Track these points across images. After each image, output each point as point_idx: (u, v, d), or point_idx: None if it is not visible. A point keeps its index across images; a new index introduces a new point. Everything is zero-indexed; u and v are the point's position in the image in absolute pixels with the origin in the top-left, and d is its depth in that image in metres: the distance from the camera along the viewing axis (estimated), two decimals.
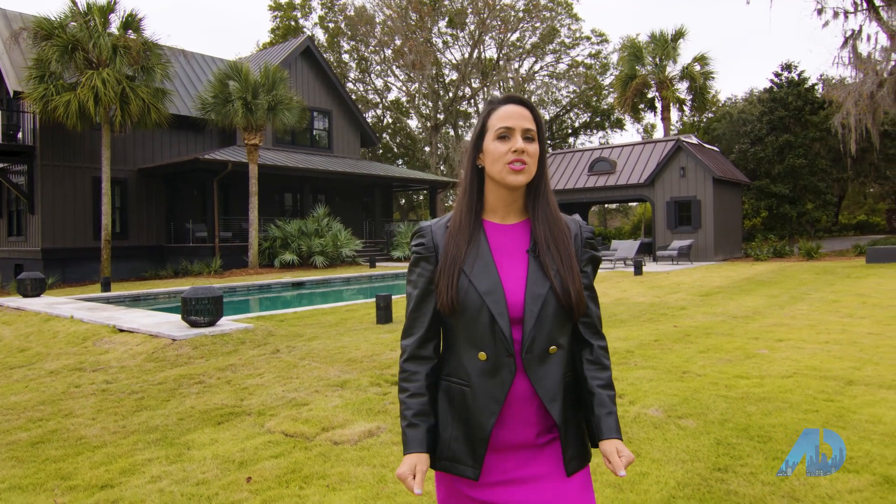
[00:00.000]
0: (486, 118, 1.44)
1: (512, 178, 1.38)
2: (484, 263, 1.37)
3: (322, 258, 19.77)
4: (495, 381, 1.34)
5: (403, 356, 1.44)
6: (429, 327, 1.43)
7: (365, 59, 40.74)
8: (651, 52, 30.54)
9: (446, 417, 1.40)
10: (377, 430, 3.91)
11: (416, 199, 45.54)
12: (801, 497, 2.75)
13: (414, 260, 1.46)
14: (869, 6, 26.54)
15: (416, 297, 1.44)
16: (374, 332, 7.46)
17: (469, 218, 1.43)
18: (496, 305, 1.33)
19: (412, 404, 1.39)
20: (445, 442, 1.39)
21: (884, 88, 24.35)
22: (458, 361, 1.39)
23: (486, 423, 1.33)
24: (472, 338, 1.36)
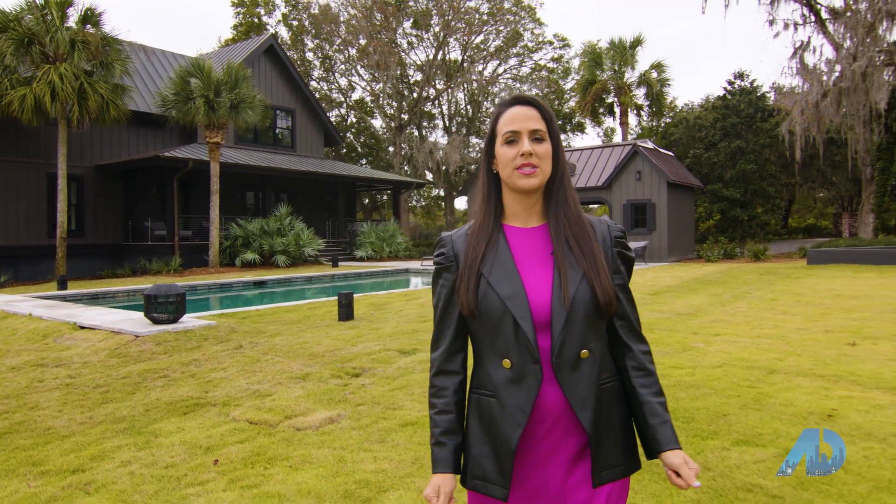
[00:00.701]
0: (494, 123, 1.42)
1: (522, 183, 1.35)
2: (504, 267, 1.34)
3: (284, 257, 19.80)
4: (521, 391, 1.29)
5: (432, 370, 1.42)
6: (454, 338, 1.40)
7: (329, 57, 40.63)
8: (610, 58, 31.38)
9: (477, 433, 1.36)
10: (338, 418, 4.16)
11: (380, 199, 45.62)
12: (712, 467, 3.12)
13: (436, 271, 1.44)
14: (817, 19, 27.84)
15: (440, 308, 1.42)
16: (336, 329, 7.68)
17: (488, 223, 1.41)
18: (519, 310, 1.29)
19: (440, 421, 1.37)
20: (476, 459, 1.35)
21: (827, 98, 25.56)
22: (485, 371, 1.35)
23: (511, 435, 1.28)
24: (496, 345, 1.32)
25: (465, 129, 42.21)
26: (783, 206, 43.26)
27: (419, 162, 36.36)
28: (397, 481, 3.11)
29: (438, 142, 39.27)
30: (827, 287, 11.44)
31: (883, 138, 26.62)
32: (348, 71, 40.98)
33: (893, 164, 27.59)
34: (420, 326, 7.72)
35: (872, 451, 3.27)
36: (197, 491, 3.06)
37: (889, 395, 4.29)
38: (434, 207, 50.93)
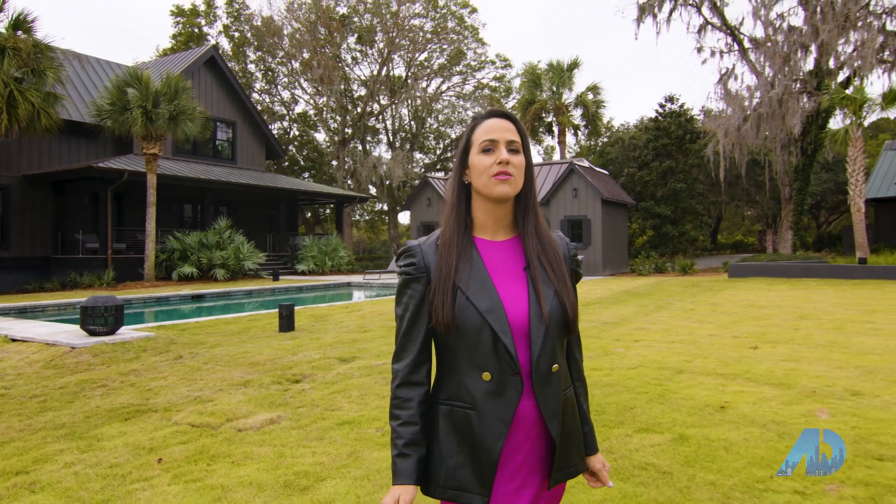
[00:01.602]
0: (470, 133, 1.43)
1: (498, 190, 1.36)
2: (480, 280, 1.35)
3: (223, 271, 19.56)
4: (501, 402, 1.31)
5: (395, 381, 1.40)
6: (420, 350, 1.39)
7: (272, 70, 40.38)
8: (549, 79, 32.58)
9: (450, 444, 1.35)
10: (278, 419, 4.38)
11: (323, 213, 45.39)
12: (615, 450, 3.53)
13: (404, 281, 1.42)
14: (740, 48, 29.77)
15: (407, 319, 1.40)
16: (277, 340, 7.83)
17: (459, 234, 1.40)
18: (498, 323, 1.30)
19: (403, 433, 1.36)
20: (450, 470, 1.35)
21: (748, 123, 27.32)
22: (460, 383, 1.35)
23: (493, 446, 1.30)
24: (475, 358, 1.32)
25: (409, 145, 42.65)
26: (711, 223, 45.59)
27: (363, 176, 36.50)
28: (334, 471, 3.37)
29: (382, 156, 39.55)
30: (742, 298, 12.33)
31: (799, 160, 28.58)
32: (291, 84, 40.84)
33: (809, 185, 29.67)
34: (360, 336, 7.96)
35: (752, 434, 3.76)
36: (142, 486, 3.24)
37: (775, 389, 4.85)
38: (378, 222, 51.02)
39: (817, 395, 4.65)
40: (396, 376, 1.40)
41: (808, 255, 26.68)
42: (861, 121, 21.86)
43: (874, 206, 32.71)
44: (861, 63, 25.84)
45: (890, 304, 10.64)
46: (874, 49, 25.72)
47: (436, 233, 1.45)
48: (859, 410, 4.23)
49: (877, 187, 32.01)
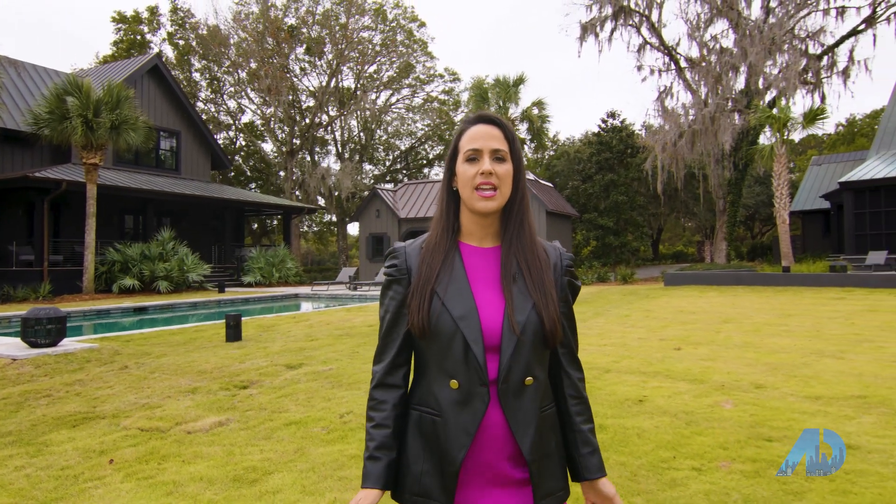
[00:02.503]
0: (457, 140, 1.40)
1: (481, 205, 1.33)
2: (458, 287, 1.32)
3: (166, 283, 19.23)
4: (467, 412, 1.28)
5: (373, 382, 1.39)
6: (398, 352, 1.38)
7: (217, 79, 39.86)
8: (496, 94, 33.32)
9: (417, 450, 1.34)
10: (227, 421, 4.56)
11: (270, 224, 44.86)
12: None
13: (386, 283, 1.41)
14: (676, 67, 31.26)
15: (387, 320, 1.39)
16: (224, 349, 7.92)
17: (444, 239, 1.39)
18: (470, 331, 1.28)
19: (375, 435, 1.33)
20: (416, 476, 1.32)
21: (683, 139, 28.67)
22: (429, 389, 1.34)
23: (456, 455, 1.28)
24: (444, 365, 1.30)
25: (359, 156, 42.73)
26: (652, 234, 47.38)
27: (311, 187, 36.36)
28: (281, 466, 3.60)
29: (331, 168, 39.50)
30: (674, 305, 13.05)
31: (732, 175, 30.14)
32: (238, 93, 40.40)
33: (741, 198, 31.30)
34: (307, 345, 8.14)
35: (663, 423, 4.19)
36: (95, 484, 3.39)
37: (690, 384, 5.33)
38: (327, 233, 50.75)
39: (725, 389, 5.15)
40: (374, 377, 1.39)
41: (741, 264, 28.14)
42: (784, 138, 23.34)
43: (802, 217, 34.74)
44: (786, 84, 27.55)
45: (804, 308, 11.50)
46: (797, 71, 27.48)
47: (423, 236, 1.43)
48: (759, 401, 4.74)
49: (803, 200, 34.03)
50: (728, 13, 28.94)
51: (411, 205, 28.32)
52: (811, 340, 7.64)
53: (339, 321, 10.80)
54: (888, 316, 9.89)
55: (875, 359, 6.33)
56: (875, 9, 27.42)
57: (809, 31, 28.79)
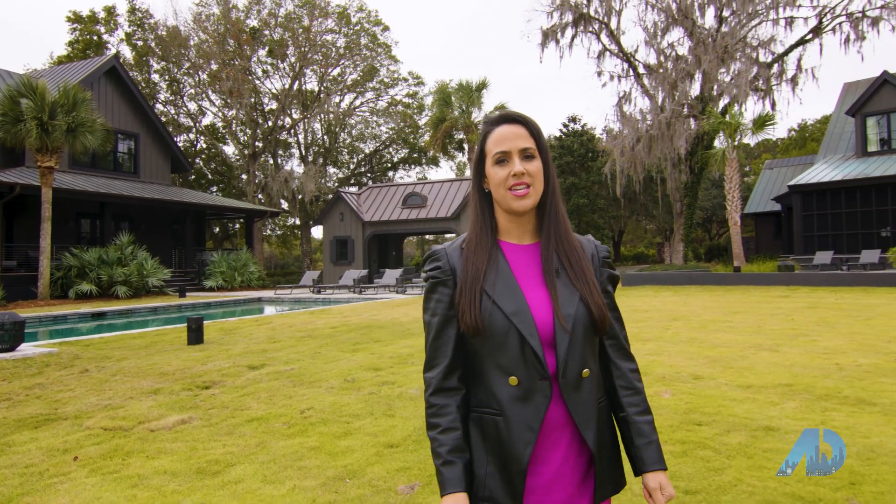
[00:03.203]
0: (483, 142, 1.41)
1: (517, 205, 1.34)
2: (507, 284, 1.33)
3: (125, 288, 18.94)
4: (529, 408, 1.27)
5: (429, 390, 1.35)
6: (453, 356, 1.35)
7: (177, 80, 39.25)
8: (459, 98, 33.70)
9: (480, 453, 1.31)
10: (189, 419, 4.68)
11: (232, 228, 44.33)
12: None
13: (431, 286, 1.39)
14: (635, 74, 32.09)
15: (436, 324, 1.37)
16: (186, 352, 7.97)
17: (485, 238, 1.39)
18: (525, 326, 1.28)
19: (445, 440, 1.29)
20: (481, 479, 1.30)
21: (640, 143, 29.47)
22: (487, 389, 1.32)
23: (521, 453, 1.27)
24: (501, 362, 1.29)
25: (322, 159, 42.58)
26: (612, 236, 48.37)
27: (274, 191, 36.11)
28: (243, 458, 3.77)
29: (294, 171, 39.28)
30: (629, 304, 13.51)
31: (688, 178, 31.07)
32: (198, 95, 39.85)
33: (698, 201, 32.28)
34: (270, 346, 8.25)
35: None
36: (61, 480, 3.50)
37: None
38: (290, 237, 50.35)
39: (666, 380, 5.49)
40: (430, 385, 1.35)
41: (698, 265, 29.06)
42: (735, 143, 24.24)
43: (755, 219, 36.00)
44: (737, 91, 28.57)
45: (750, 305, 12.07)
46: (748, 79, 28.54)
47: (460, 237, 1.44)
48: (695, 390, 5.09)
49: (756, 203, 35.28)
50: (683, 22, 29.87)
51: (375, 208, 28.43)
52: (751, 335, 8.10)
53: (301, 324, 10.91)
54: (825, 312, 10.48)
55: (806, 351, 6.78)
56: (821, 20, 28.66)
57: (761, 40, 29.86)
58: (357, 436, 4.15)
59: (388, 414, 4.66)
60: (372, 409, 4.83)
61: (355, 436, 4.16)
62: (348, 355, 7.38)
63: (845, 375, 5.51)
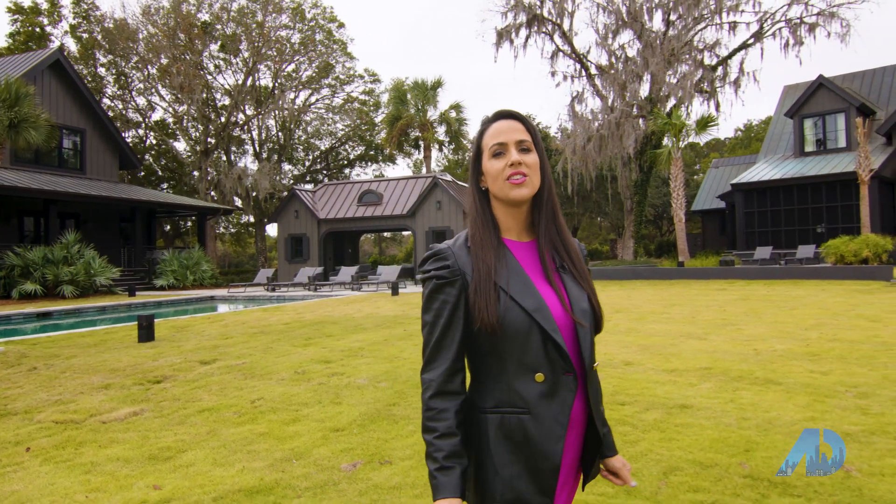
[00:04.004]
0: (479, 139, 1.42)
1: (515, 193, 1.34)
2: (521, 280, 1.32)
3: (72, 288, 18.51)
4: (556, 403, 1.28)
5: (428, 392, 1.31)
6: (455, 358, 1.32)
7: (125, 74, 38.24)
8: (414, 97, 33.94)
9: (503, 454, 1.28)
10: (141, 412, 4.82)
11: (184, 226, 43.47)
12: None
13: (436, 286, 1.34)
14: (587, 74, 32.84)
15: (441, 325, 1.32)
16: (137, 349, 8.01)
17: (489, 235, 1.37)
18: (547, 322, 1.28)
19: (443, 445, 1.26)
20: (507, 481, 1.28)
21: (591, 143, 30.24)
22: (510, 388, 1.30)
23: (553, 450, 1.27)
24: (524, 359, 1.28)
25: (277, 156, 42.15)
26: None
27: (227, 188, 35.58)
28: (194, 445, 3.95)
29: (248, 168, 38.78)
30: None
31: (638, 177, 32.02)
32: (148, 90, 38.93)
33: (647, 198, 33.29)
34: (222, 342, 8.35)
35: None
36: (14, 469, 3.62)
37: None
38: (245, 235, 49.64)
39: (599, 366, 5.88)
40: (430, 386, 1.31)
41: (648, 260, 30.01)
42: (680, 143, 25.19)
43: (702, 216, 37.35)
44: (683, 93, 29.62)
45: (688, 298, 12.71)
46: (693, 81, 29.60)
47: (461, 236, 1.41)
48: (624, 375, 5.49)
49: (703, 200, 36.62)
50: (633, 24, 30.74)
51: (331, 205, 28.40)
52: (684, 325, 8.63)
53: (254, 320, 10.99)
54: (755, 303, 11.17)
55: (730, 339, 7.31)
56: (762, 25, 29.91)
57: (706, 44, 30.94)
58: (305, 422, 4.38)
59: (336, 402, 4.90)
60: (320, 398, 5.06)
61: (303, 422, 4.38)
62: (300, 350, 7.56)
63: (760, 359, 6.01)
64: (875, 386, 4.84)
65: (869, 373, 5.30)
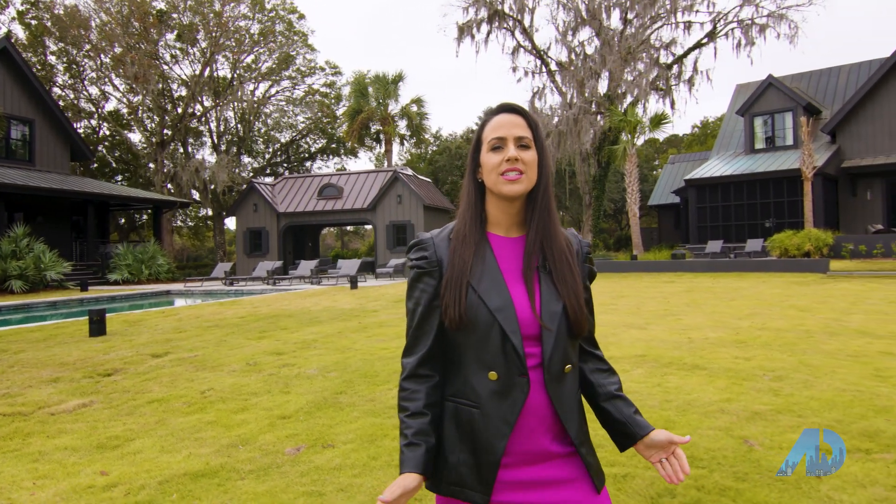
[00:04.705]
0: (480, 131, 1.42)
1: (507, 189, 1.34)
2: (492, 278, 1.33)
3: (21, 283, 18.05)
4: (506, 403, 1.29)
5: (403, 374, 1.39)
6: (431, 345, 1.37)
7: (77, 63, 37.11)
8: (375, 90, 33.88)
9: (453, 440, 1.34)
10: (90, 403, 4.88)
11: (140, 219, 42.52)
12: (377, 399, 4.62)
13: (415, 275, 1.40)
14: (547, 70, 33.30)
15: (419, 314, 1.38)
16: (88, 343, 7.97)
17: (473, 230, 1.39)
18: (508, 322, 1.29)
19: (412, 423, 1.33)
20: (452, 466, 1.33)
21: (550, 138, 30.71)
22: (466, 381, 1.34)
23: (496, 445, 1.29)
24: (482, 356, 1.31)
25: (236, 148, 41.54)
26: None
27: (184, 180, 34.94)
28: (143, 434, 4.06)
29: (206, 160, 38.13)
30: None
31: (596, 172, 32.67)
32: (101, 80, 37.85)
33: (605, 193, 33.99)
34: (175, 336, 8.37)
35: None
36: None
37: None
38: (203, 228, 48.80)
39: None
40: (405, 369, 1.38)
41: (606, 254, 30.74)
42: (636, 140, 25.84)
43: (658, 211, 38.30)
44: (639, 91, 30.33)
45: (638, 290, 13.18)
46: (649, 79, 30.34)
47: (448, 226, 1.44)
48: None
49: (659, 195, 37.58)
50: (591, 22, 31.28)
51: (290, 199, 28.21)
52: (628, 316, 9.01)
53: (209, 314, 10.98)
54: (699, 295, 11.67)
55: (669, 328, 7.70)
56: (715, 25, 30.78)
57: (663, 42, 31.68)
58: (253, 410, 4.53)
59: (285, 391, 5.05)
60: (270, 387, 5.20)
61: (251, 410, 4.53)
62: (253, 342, 7.65)
63: (693, 347, 6.38)
64: (790, 370, 5.23)
65: (788, 358, 5.70)
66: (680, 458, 1.36)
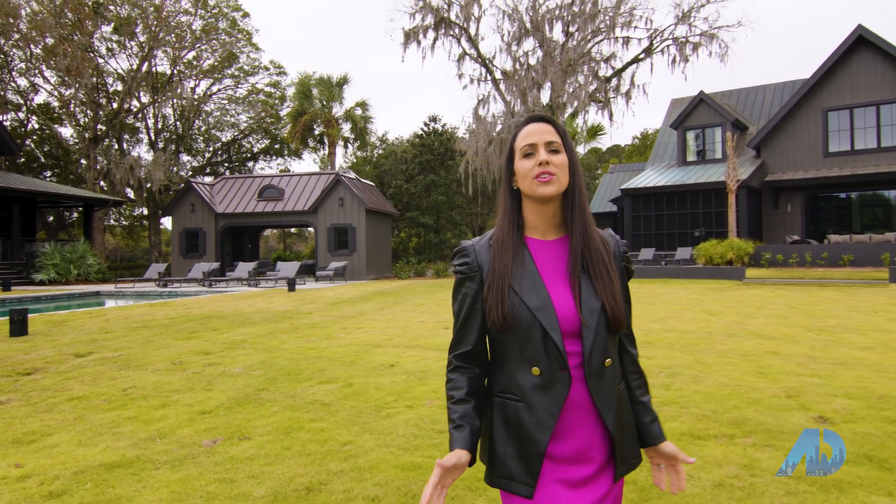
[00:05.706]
0: (512, 142, 1.50)
1: (541, 190, 1.42)
2: (531, 279, 1.41)
3: None
4: (549, 396, 1.37)
5: (449, 367, 1.50)
6: (475, 342, 1.47)
7: (4, 53, 35.41)
8: (320, 92, 33.75)
9: (502, 435, 1.43)
10: (7, 401, 4.88)
11: (69, 217, 40.84)
12: (297, 395, 4.81)
13: (459, 280, 1.50)
14: (492, 79, 33.91)
15: (462, 314, 1.48)
16: (7, 343, 7.80)
17: (511, 234, 1.47)
18: (548, 320, 1.37)
19: (458, 409, 1.43)
20: (501, 458, 1.42)
21: (492, 146, 31.35)
22: (511, 377, 1.42)
23: (540, 437, 1.37)
24: (525, 353, 1.39)
25: (175, 146, 40.47)
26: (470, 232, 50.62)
27: (118, 178, 33.81)
28: (61, 429, 4.13)
29: (142, 157, 37.01)
30: None
31: None
32: (30, 71, 36.23)
33: None
34: (100, 336, 8.28)
35: (400, 380, 5.34)
36: None
37: (439, 353, 6.61)
38: (138, 228, 47.24)
39: None
40: (450, 363, 1.50)
41: None
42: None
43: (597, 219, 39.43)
44: (578, 102, 31.33)
45: None
46: (588, 91, 31.37)
47: (488, 233, 1.53)
48: None
49: (598, 204, 38.78)
50: (535, 33, 32.11)
51: (230, 199, 27.77)
52: None
53: (139, 315, 10.84)
54: None
55: None
56: (652, 42, 32.11)
57: (603, 56, 32.80)
58: (174, 407, 4.64)
59: (208, 389, 5.17)
60: (193, 385, 5.31)
61: (172, 407, 4.64)
62: (181, 343, 7.67)
63: None
64: (685, 367, 5.72)
65: (685, 357, 6.21)
66: (679, 474, 1.51)
